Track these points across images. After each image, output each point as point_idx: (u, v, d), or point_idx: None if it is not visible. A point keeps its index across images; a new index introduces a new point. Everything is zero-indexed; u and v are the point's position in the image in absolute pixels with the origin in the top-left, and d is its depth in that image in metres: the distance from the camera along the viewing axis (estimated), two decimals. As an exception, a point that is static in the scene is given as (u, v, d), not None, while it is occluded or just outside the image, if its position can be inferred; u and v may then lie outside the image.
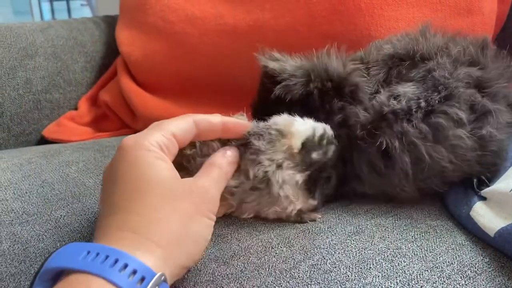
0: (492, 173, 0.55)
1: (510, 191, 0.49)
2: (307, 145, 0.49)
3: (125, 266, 0.32)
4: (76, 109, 0.95)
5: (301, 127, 0.50)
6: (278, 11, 0.78)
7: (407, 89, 0.53)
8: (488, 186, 0.54)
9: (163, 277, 0.34)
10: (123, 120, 0.92)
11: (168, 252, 0.37)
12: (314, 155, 0.49)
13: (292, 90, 0.54)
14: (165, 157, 0.41)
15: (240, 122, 0.48)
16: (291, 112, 0.54)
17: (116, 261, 0.32)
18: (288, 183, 0.48)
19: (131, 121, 0.90)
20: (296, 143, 0.48)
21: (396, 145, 0.51)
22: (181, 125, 0.44)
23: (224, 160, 0.46)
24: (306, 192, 0.51)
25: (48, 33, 0.94)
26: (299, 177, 0.49)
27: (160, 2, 0.87)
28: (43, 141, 0.91)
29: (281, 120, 0.50)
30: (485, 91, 0.54)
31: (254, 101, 0.62)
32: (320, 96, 0.55)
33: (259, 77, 0.60)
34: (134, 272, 0.33)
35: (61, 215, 0.56)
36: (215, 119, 0.46)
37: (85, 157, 0.73)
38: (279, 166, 0.48)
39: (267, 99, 0.56)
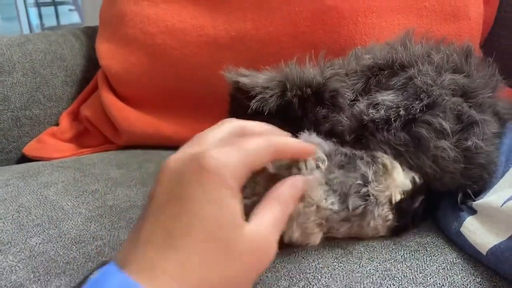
0: (480, 187, 0.54)
1: (502, 205, 0.47)
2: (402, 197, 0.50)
3: None
4: (57, 125, 0.93)
5: (404, 179, 0.50)
6: (260, 21, 0.76)
7: (386, 98, 0.52)
8: (473, 200, 0.53)
9: None
10: (105, 136, 0.89)
11: None
12: (404, 205, 0.50)
13: (268, 102, 0.53)
14: (239, 195, 0.35)
15: (304, 143, 0.44)
16: (270, 122, 0.53)
17: None
18: (381, 218, 0.48)
19: (113, 137, 0.87)
20: (396, 196, 0.49)
21: (387, 151, 0.50)
22: (264, 158, 0.38)
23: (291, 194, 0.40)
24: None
25: (25, 47, 0.91)
26: (391, 216, 0.49)
27: (140, 14, 0.85)
28: (23, 159, 0.88)
29: (384, 157, 0.50)
30: (471, 101, 0.52)
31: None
32: (301, 105, 0.54)
33: (228, 94, 0.59)
34: None
35: (36, 243, 0.54)
36: (293, 144, 0.41)
37: (65, 177, 0.71)
38: (379, 202, 0.47)
39: (242, 114, 0.54)
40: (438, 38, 0.60)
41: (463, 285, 0.45)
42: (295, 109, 0.54)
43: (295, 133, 0.50)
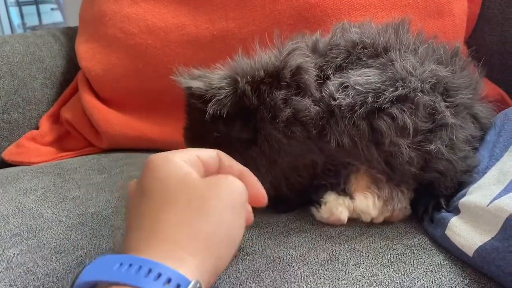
0: (444, 192, 0.54)
1: (488, 205, 0.47)
2: None
3: (159, 275, 0.32)
4: (37, 128, 0.90)
5: None
6: (242, 19, 0.75)
7: (359, 78, 0.49)
8: (446, 210, 0.53)
9: (198, 284, 0.34)
10: (87, 139, 0.87)
11: (200, 258, 0.36)
12: None
13: (225, 103, 0.50)
14: (194, 171, 0.40)
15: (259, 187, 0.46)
16: (231, 125, 0.51)
17: (150, 270, 0.33)
18: None
19: (95, 139, 0.85)
20: None
21: (346, 142, 0.49)
22: (205, 151, 0.43)
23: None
24: None
25: (2, 49, 0.89)
26: None
27: (120, 13, 0.83)
28: (2, 164, 0.86)
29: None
30: (450, 100, 0.51)
31: (187, 124, 0.58)
32: (255, 90, 0.50)
33: (183, 100, 0.56)
34: (169, 280, 0.32)
35: (14, 254, 0.52)
36: (233, 163, 0.46)
37: (45, 183, 0.69)
38: None
39: (201, 119, 0.52)
40: (430, 35, 0.59)
41: (451, 287, 0.44)
42: (250, 98, 0.50)
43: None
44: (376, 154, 0.49)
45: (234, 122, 0.52)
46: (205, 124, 0.53)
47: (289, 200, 0.58)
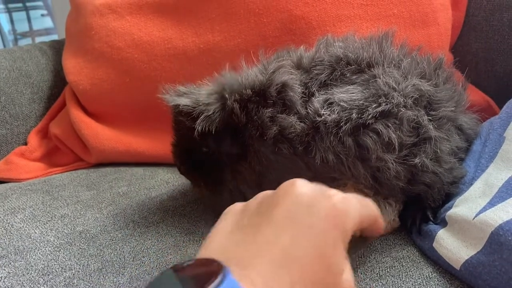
0: (430, 204, 0.54)
1: (474, 218, 0.47)
2: None
3: None
4: (25, 144, 0.90)
5: None
6: (228, 32, 0.75)
7: (343, 95, 0.49)
8: (433, 222, 0.53)
9: None
10: (76, 154, 0.87)
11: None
12: None
13: (213, 119, 0.50)
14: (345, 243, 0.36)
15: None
16: (220, 140, 0.51)
17: None
18: None
19: (84, 154, 0.85)
20: None
21: (331, 158, 0.49)
22: (367, 220, 0.38)
23: None
24: None
25: (-12, 65, 0.88)
26: None
27: (106, 27, 0.83)
28: (-9, 181, 0.85)
29: None
30: (433, 114, 0.51)
31: (175, 141, 0.58)
32: (243, 108, 0.50)
33: (171, 117, 0.56)
34: None
35: (1, 277, 0.52)
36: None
37: (33, 201, 0.69)
38: None
39: (189, 135, 0.52)
40: (414, 47, 0.59)
41: (439, 302, 0.44)
42: (238, 116, 0.50)
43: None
44: (363, 170, 0.49)
45: (223, 138, 0.52)
46: (193, 140, 0.53)
47: None
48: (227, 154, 0.54)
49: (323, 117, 0.48)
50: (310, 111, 0.49)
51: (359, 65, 0.52)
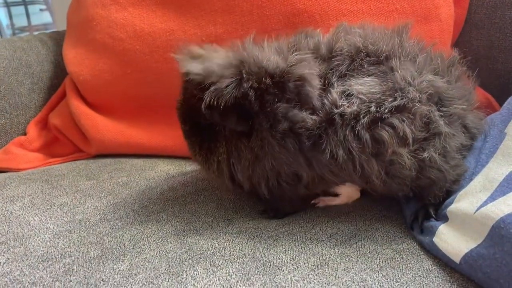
0: (432, 199, 0.54)
1: (475, 212, 0.47)
2: None
3: None
4: (24, 134, 0.89)
5: None
6: (230, 25, 0.75)
7: (362, 87, 0.49)
8: (435, 219, 0.53)
9: None
10: (76, 144, 0.86)
11: None
12: None
13: (224, 94, 0.48)
14: None
15: None
16: (225, 118, 0.50)
17: None
18: None
19: (83, 145, 0.85)
20: None
21: (341, 154, 0.48)
22: None
23: None
24: None
25: (-12, 54, 0.88)
26: None
27: (108, 18, 0.82)
28: (-10, 170, 0.85)
29: None
30: (444, 110, 0.52)
31: (181, 106, 0.57)
32: (258, 97, 0.49)
33: (180, 79, 0.55)
34: None
35: (0, 262, 0.51)
36: None
37: (32, 190, 0.68)
38: None
39: (197, 106, 0.50)
40: (428, 43, 0.59)
41: (439, 293, 0.45)
42: (252, 103, 0.49)
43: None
44: (377, 166, 0.49)
45: (230, 114, 0.51)
46: (200, 110, 0.51)
47: (280, 206, 0.58)
48: (230, 130, 0.53)
49: (341, 108, 0.48)
50: (326, 102, 0.49)
51: (378, 57, 0.52)
